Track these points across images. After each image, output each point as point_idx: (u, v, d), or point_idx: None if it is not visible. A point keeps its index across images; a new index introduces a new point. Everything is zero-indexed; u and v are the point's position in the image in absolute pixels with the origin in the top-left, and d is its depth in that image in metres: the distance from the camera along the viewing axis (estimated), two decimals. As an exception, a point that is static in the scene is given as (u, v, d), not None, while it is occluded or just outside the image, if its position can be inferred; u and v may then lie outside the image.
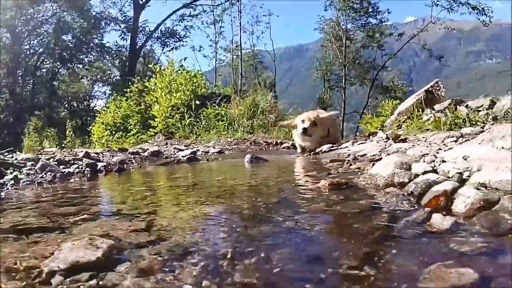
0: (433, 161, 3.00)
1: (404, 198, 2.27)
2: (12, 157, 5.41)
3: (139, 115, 17.89)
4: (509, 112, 6.26)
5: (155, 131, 15.39)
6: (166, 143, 11.84)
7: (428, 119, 7.98)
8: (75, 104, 50.58)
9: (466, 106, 7.86)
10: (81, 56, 47.80)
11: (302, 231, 1.94)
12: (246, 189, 3.38)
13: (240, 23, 46.49)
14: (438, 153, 3.38)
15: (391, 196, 2.35)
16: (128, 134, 16.52)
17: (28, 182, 4.17)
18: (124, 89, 20.25)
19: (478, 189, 1.99)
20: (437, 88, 10.01)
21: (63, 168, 5.05)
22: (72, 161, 5.53)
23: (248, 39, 57.08)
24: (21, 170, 4.61)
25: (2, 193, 3.45)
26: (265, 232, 1.98)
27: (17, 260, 1.64)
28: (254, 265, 1.53)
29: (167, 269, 1.52)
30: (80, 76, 50.00)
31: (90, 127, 21.91)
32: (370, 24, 42.86)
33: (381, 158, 3.81)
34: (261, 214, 2.39)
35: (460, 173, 2.40)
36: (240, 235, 1.95)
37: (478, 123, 6.15)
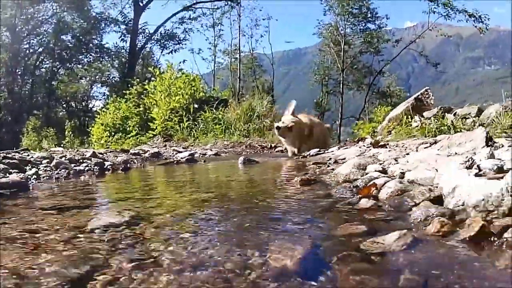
0: (390, 163, 3.58)
1: (350, 189, 2.97)
2: (28, 155, 5.76)
3: (138, 117, 18.08)
4: (493, 120, 6.45)
5: (154, 133, 15.61)
6: (165, 145, 12.16)
7: (417, 126, 8.17)
8: (74, 104, 50.48)
9: (455, 114, 8.04)
10: (80, 57, 47.49)
11: (270, 206, 2.79)
12: (236, 183, 4.30)
13: (239, 26, 46.48)
14: (404, 157, 3.88)
15: (342, 188, 3.03)
16: (127, 136, 16.66)
17: (47, 177, 4.62)
18: (124, 91, 20.39)
19: (401, 183, 2.57)
20: (427, 96, 10.24)
21: (75, 166, 5.44)
22: (81, 160, 5.93)
23: (247, 43, 56.95)
24: (39, 167, 4.99)
25: (30, 185, 3.82)
26: (244, 207, 2.82)
27: (65, 224, 2.34)
28: (233, 223, 2.35)
29: (173, 226, 2.24)
30: (79, 77, 49.63)
31: (89, 128, 22.05)
32: (369, 29, 42.97)
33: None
34: (244, 198, 3.27)
35: (402, 172, 2.96)
36: (225, 208, 2.81)
37: (462, 130, 6.37)
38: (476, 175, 2.14)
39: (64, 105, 50.21)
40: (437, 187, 2.29)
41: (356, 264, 1.44)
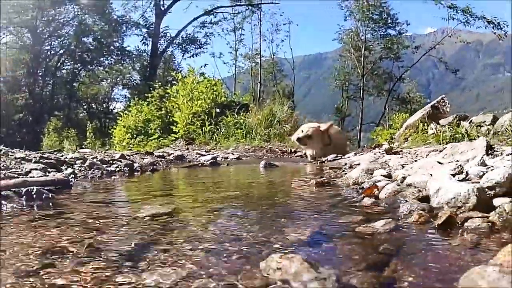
0: (397, 169, 4.05)
1: (357, 190, 3.49)
2: (62, 155, 6.21)
3: (160, 120, 18.47)
4: (507, 129, 6.74)
5: (176, 136, 15.93)
6: (187, 148, 12.43)
7: (432, 133, 8.44)
8: (94, 106, 50.69)
9: (470, 122, 8.31)
10: (101, 59, 47.73)
11: (288, 203, 3.35)
12: (257, 184, 4.80)
13: (260, 31, 46.60)
14: (411, 163, 4.29)
15: (350, 189, 3.61)
16: (149, 138, 16.96)
17: (82, 177, 4.99)
18: (145, 94, 20.79)
19: (399, 185, 3.06)
20: (443, 104, 10.49)
21: (106, 166, 5.83)
22: (111, 161, 6.30)
23: (268, 47, 56.86)
24: (74, 167, 5.37)
25: (71, 183, 4.10)
26: (266, 202, 3.42)
27: (118, 213, 2.88)
28: (257, 213, 2.91)
29: (208, 215, 2.76)
30: (100, 79, 49.81)
31: (110, 129, 22.33)
32: (389, 35, 42.92)
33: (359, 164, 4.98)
34: (265, 196, 3.90)
35: (404, 177, 3.39)
36: (250, 203, 3.41)
37: (476, 138, 6.38)
38: (463, 180, 2.66)
39: (85, 107, 50.29)
40: (426, 189, 2.75)
41: (350, 239, 1.99)
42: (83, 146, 20.32)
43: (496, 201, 2.19)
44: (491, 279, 1.16)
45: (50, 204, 3.05)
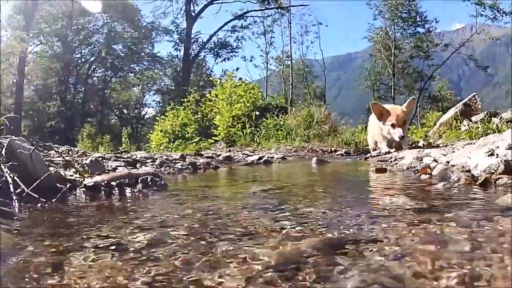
0: (440, 157, 4.77)
1: (412, 172, 4.29)
2: (132, 155, 6.88)
3: (197, 124, 19.15)
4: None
5: (216, 139, 16.54)
6: (229, 150, 12.96)
7: (465, 130, 8.87)
8: (126, 112, 51.43)
9: (500, 118, 8.72)
10: (132, 65, 48.74)
11: (360, 182, 4.33)
12: (323, 174, 5.54)
13: (290, 33, 46.96)
14: (452, 153, 4.94)
15: (406, 172, 4.45)
16: (187, 142, 17.45)
17: (159, 173, 5.37)
18: (181, 99, 21.44)
19: (445, 165, 3.82)
20: (474, 101, 10.90)
21: (174, 165, 6.36)
22: (175, 161, 6.84)
23: (298, 49, 57.05)
24: (146, 165, 5.91)
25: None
26: (339, 183, 4.32)
27: (232, 190, 3.84)
28: (338, 188, 3.63)
29: (301, 191, 3.41)
30: (131, 85, 50.95)
31: (142, 134, 22.62)
32: (418, 33, 43.05)
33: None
34: (335, 180, 4.73)
35: (448, 161, 4.18)
36: (327, 184, 4.16)
37: None
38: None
39: (117, 113, 51.15)
40: (467, 166, 3.58)
41: (424, 192, 2.96)
42: (120, 152, 20.79)
43: None
44: None
45: (165, 189, 3.64)
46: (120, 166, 5.23)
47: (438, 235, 1.59)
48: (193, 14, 45.47)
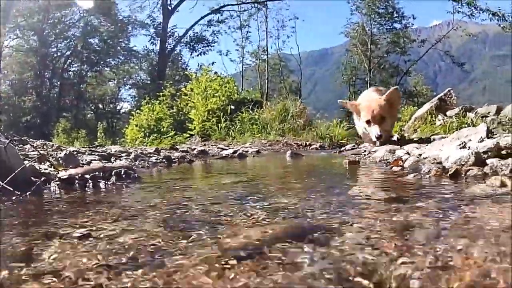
0: (413, 150, 4.82)
1: (385, 164, 4.48)
2: (107, 149, 6.77)
3: (172, 118, 19.09)
4: (511, 119, 7.17)
5: (192, 133, 16.45)
6: (204, 144, 12.96)
7: (440, 124, 8.88)
8: (102, 107, 51.15)
9: (475, 113, 8.74)
10: (108, 59, 48.34)
11: (334, 175, 4.32)
12: (297, 166, 5.64)
13: (266, 28, 46.90)
14: (425, 147, 4.96)
15: (379, 164, 4.46)
16: (163, 136, 17.44)
17: (133, 167, 5.32)
18: (156, 93, 21.28)
19: (417, 158, 3.90)
20: (450, 96, 10.93)
21: (148, 158, 6.35)
22: (149, 155, 6.86)
23: (274, 44, 57.08)
24: (121, 159, 5.91)
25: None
26: (314, 175, 4.37)
27: (208, 182, 3.78)
28: (311, 180, 3.52)
29: (275, 183, 3.48)
30: (107, 79, 50.60)
31: (118, 129, 22.55)
32: (395, 29, 43.20)
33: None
34: (309, 172, 4.79)
35: (420, 153, 4.21)
36: (301, 176, 4.10)
37: None
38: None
39: (93, 107, 50.77)
40: (438, 158, 3.63)
41: (394, 183, 3.07)
42: (95, 146, 20.63)
43: (489, 161, 3.11)
44: (481, 188, 2.21)
45: (138, 181, 3.71)
46: (94, 160, 5.27)
47: (404, 223, 1.64)
48: (170, 8, 45.25)
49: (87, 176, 3.54)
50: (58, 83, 46.85)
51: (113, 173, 3.74)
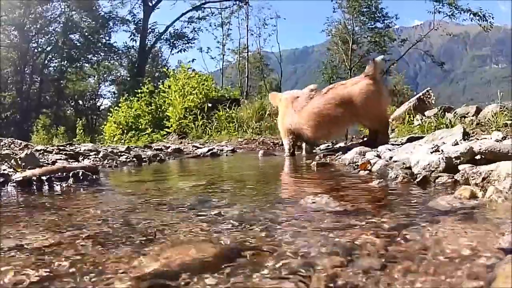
0: (385, 152, 4.50)
1: (353, 167, 4.18)
2: (76, 148, 6.60)
3: (150, 115, 18.78)
4: (489, 120, 7.08)
5: (169, 130, 16.24)
6: (181, 142, 12.84)
7: (418, 124, 8.79)
8: (82, 103, 51.00)
9: (454, 113, 8.64)
10: (89, 56, 48.27)
11: (298, 178, 4.06)
12: (264, 167, 5.54)
13: (247, 26, 46.93)
14: (397, 148, 4.76)
15: (347, 167, 4.32)
16: (140, 133, 17.32)
17: (100, 166, 5.31)
18: (135, 90, 21.01)
19: (387, 161, 3.68)
20: (428, 96, 10.84)
21: (117, 157, 6.25)
22: (120, 153, 6.75)
23: (255, 41, 57.20)
24: (89, 158, 5.81)
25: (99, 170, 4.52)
26: (278, 178, 4.31)
27: (154, 188, 3.38)
28: (272, 183, 3.73)
29: (235, 188, 3.32)
30: (87, 75, 50.60)
31: (98, 126, 22.45)
32: (377, 28, 43.25)
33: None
34: (275, 175, 4.76)
35: (391, 156, 3.98)
36: (262, 179, 4.15)
37: None
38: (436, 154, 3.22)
39: (73, 104, 50.78)
40: (408, 162, 3.37)
41: (355, 191, 2.85)
42: (72, 143, 20.49)
43: (461, 167, 2.88)
44: (448, 200, 2.02)
45: (96, 183, 3.58)
46: (60, 159, 5.14)
47: (348, 246, 1.42)
48: (150, 4, 45.13)
49: (44, 178, 3.45)
50: (38, 79, 46.78)
51: (70, 174, 3.59)
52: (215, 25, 48.08)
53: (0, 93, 42.78)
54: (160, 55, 50.14)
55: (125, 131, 18.36)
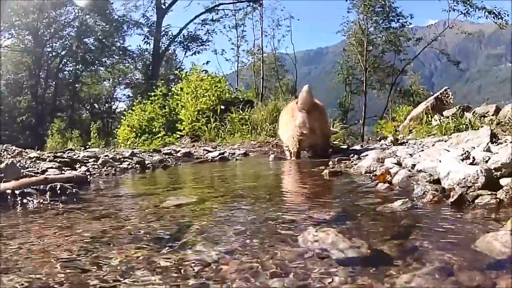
0: (405, 157, 4.19)
1: (370, 177, 3.76)
2: (74, 154, 6.37)
3: (164, 118, 18.63)
4: (510, 119, 6.82)
5: (182, 133, 16.04)
6: (193, 145, 12.54)
7: (436, 125, 8.52)
8: (97, 106, 50.98)
9: (473, 113, 8.37)
10: (103, 59, 47.98)
11: (307, 191, 3.67)
12: (274, 175, 5.23)
13: (261, 27, 46.63)
14: (418, 152, 4.44)
15: (364, 177, 3.87)
16: (154, 137, 17.09)
17: (97, 174, 5.14)
18: (148, 93, 20.88)
19: (410, 171, 3.28)
20: (446, 96, 10.58)
21: (118, 164, 5.98)
22: (123, 159, 6.45)
23: (269, 43, 56.95)
24: (87, 165, 5.51)
25: (89, 180, 4.33)
26: (285, 191, 3.96)
27: (143, 204, 3.05)
28: (282, 199, 3.27)
29: (230, 203, 2.99)
30: (102, 79, 50.49)
31: (113, 129, 22.42)
32: (392, 28, 42.93)
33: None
34: (282, 186, 4.47)
35: (414, 164, 3.57)
36: (267, 192, 3.63)
37: (479, 128, 6.45)
38: (470, 164, 2.81)
39: (88, 107, 50.64)
40: (436, 173, 2.95)
41: (372, 217, 2.22)
42: (88, 147, 20.39)
43: (503, 181, 2.41)
44: (503, 240, 1.39)
45: (74, 199, 3.23)
46: (52, 168, 4.74)
47: None
48: (164, 7, 44.98)
49: (17, 192, 3.12)
50: (53, 83, 46.66)
51: (47, 188, 3.27)
52: (229, 27, 47.81)
53: (15, 98, 42.87)
54: (174, 57, 50.01)
55: (139, 134, 18.19)
